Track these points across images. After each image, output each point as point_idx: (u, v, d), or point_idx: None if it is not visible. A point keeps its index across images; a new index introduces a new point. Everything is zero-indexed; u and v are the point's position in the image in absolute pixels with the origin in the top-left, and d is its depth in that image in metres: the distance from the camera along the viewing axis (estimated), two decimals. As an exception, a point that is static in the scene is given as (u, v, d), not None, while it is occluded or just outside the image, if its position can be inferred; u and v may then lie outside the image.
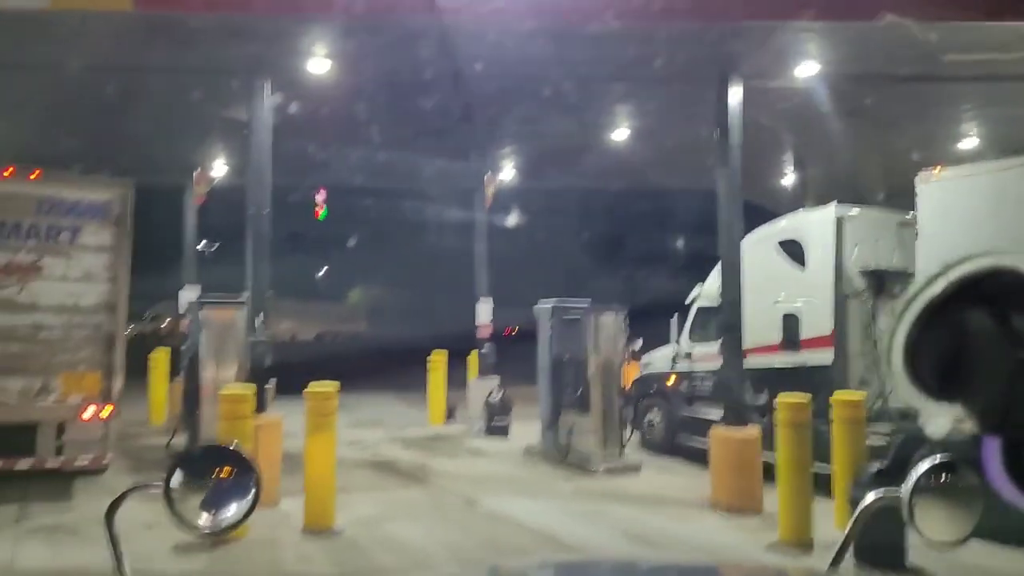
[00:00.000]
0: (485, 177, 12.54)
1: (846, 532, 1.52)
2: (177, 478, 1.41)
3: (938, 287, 0.67)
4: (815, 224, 8.08)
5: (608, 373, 8.85)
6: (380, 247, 28.79)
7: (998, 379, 0.64)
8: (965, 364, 0.66)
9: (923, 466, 1.43)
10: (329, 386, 6.36)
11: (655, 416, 9.99)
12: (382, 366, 15.44)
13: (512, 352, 12.67)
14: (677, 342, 9.75)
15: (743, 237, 7.78)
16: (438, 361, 12.33)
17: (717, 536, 6.30)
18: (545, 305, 9.71)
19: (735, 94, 7.43)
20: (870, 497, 1.53)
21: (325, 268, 31.74)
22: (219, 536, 1.58)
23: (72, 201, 7.71)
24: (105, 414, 7.52)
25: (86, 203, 7.78)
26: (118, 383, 7.70)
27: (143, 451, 9.28)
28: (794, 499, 5.97)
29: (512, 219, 16.68)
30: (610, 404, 8.82)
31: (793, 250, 8.24)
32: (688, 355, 9.60)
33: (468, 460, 9.57)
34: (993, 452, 0.68)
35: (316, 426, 6.24)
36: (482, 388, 11.51)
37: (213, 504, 1.43)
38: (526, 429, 10.50)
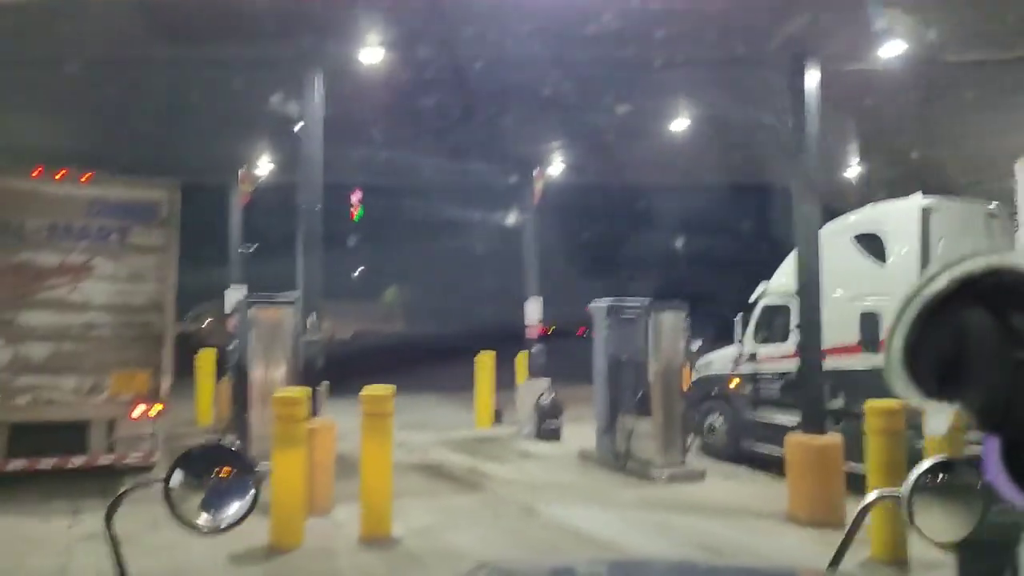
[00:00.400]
0: (534, 172, 12.11)
1: (846, 532, 1.48)
2: (177, 477, 1.41)
3: (938, 284, 0.65)
4: (897, 216, 7.54)
5: (669, 375, 8.42)
6: (417, 246, 28.58)
7: (998, 378, 0.64)
8: (965, 363, 0.65)
9: (923, 465, 1.41)
10: (385, 389, 6.08)
11: (716, 420, 9.53)
12: (423, 366, 15.19)
13: (550, 351, 12.26)
14: (740, 342, 9.26)
15: (818, 231, 7.28)
16: (485, 362, 11.95)
17: (800, 551, 5.85)
18: (601, 304, 9.30)
19: (811, 77, 6.93)
20: (870, 496, 1.55)
21: (361, 268, 31.74)
22: (218, 534, 1.52)
23: (121, 202, 7.85)
24: (154, 412, 7.68)
25: (135, 204, 7.90)
26: (166, 382, 7.83)
27: (191, 452, 9.16)
28: (888, 513, 5.50)
29: (554, 216, 16.21)
30: (671, 407, 8.39)
31: (871, 244, 7.71)
32: (752, 356, 9.12)
33: (521, 464, 9.23)
34: (993, 451, 0.66)
35: (372, 430, 5.96)
36: (532, 390, 11.14)
37: (212, 503, 1.45)
38: (577, 432, 10.14)
